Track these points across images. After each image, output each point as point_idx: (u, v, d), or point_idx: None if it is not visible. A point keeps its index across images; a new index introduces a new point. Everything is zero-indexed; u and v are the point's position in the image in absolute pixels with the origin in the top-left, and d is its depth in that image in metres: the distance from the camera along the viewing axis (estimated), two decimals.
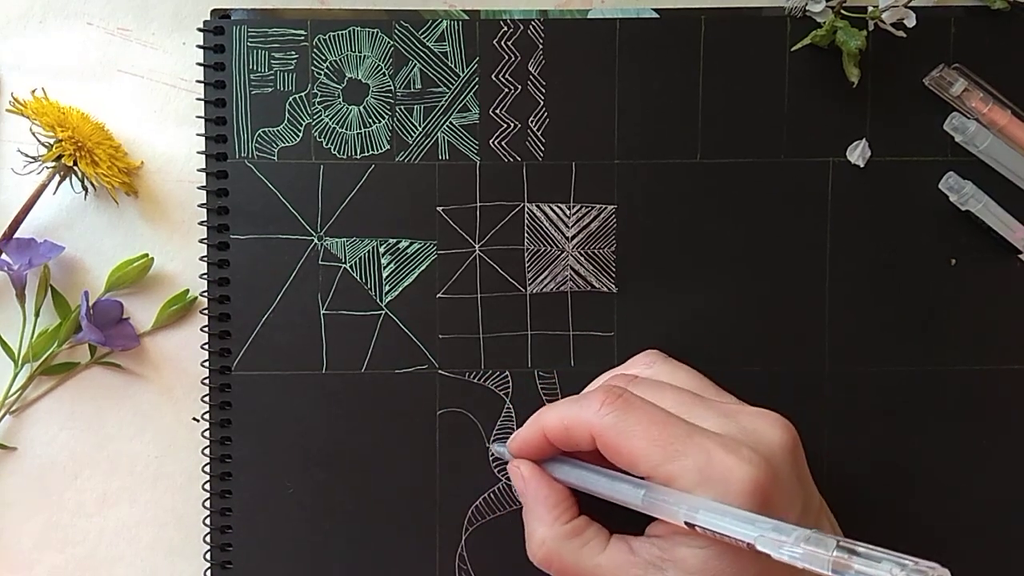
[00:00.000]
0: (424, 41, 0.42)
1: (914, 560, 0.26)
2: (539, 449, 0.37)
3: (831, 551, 0.28)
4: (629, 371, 0.39)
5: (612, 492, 0.35)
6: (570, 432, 0.35)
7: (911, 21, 0.40)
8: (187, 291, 0.43)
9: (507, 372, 0.42)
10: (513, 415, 0.42)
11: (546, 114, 0.42)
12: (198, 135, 0.42)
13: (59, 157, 0.40)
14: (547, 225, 0.42)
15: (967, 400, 0.42)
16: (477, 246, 0.42)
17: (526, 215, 0.42)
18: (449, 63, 0.42)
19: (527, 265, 0.42)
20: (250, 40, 0.41)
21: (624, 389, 0.35)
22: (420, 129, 0.42)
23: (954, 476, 0.42)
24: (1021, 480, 0.42)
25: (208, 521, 0.42)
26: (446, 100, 0.42)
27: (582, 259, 0.42)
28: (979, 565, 0.42)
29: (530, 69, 0.42)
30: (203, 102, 0.42)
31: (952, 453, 0.42)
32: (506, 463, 0.39)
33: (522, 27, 0.42)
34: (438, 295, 0.42)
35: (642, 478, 0.34)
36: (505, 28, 0.42)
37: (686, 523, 0.31)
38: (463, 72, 0.42)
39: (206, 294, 0.42)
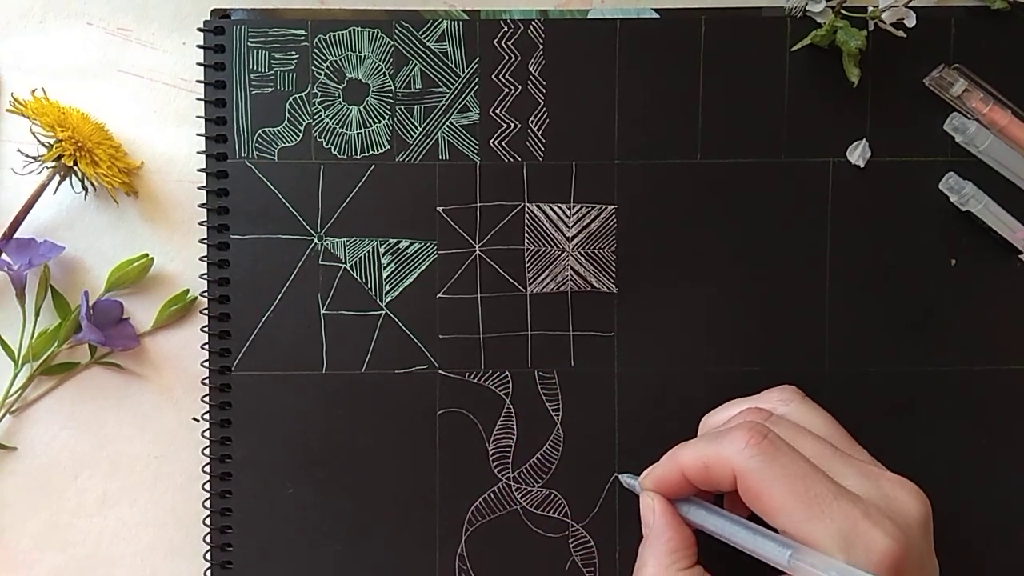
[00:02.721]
0: (424, 41, 0.42)
1: None
2: (674, 487, 0.37)
3: None
4: (761, 404, 0.38)
5: (754, 547, 0.34)
6: (710, 471, 0.34)
7: (911, 21, 0.40)
8: (187, 291, 0.43)
9: (507, 372, 0.42)
10: (513, 415, 0.42)
11: (546, 114, 0.42)
12: (198, 135, 0.42)
13: (59, 157, 0.40)
14: (547, 225, 0.42)
15: (967, 400, 0.42)
16: (477, 246, 0.42)
17: (526, 215, 0.42)
18: (449, 63, 0.42)
19: (527, 265, 0.42)
20: (250, 40, 0.41)
21: (768, 429, 0.34)
22: (420, 129, 0.42)
23: (954, 476, 0.42)
24: (1021, 480, 0.42)
25: (208, 521, 0.42)
26: (446, 100, 0.42)
27: (582, 259, 0.42)
28: (979, 564, 0.42)
29: (530, 69, 0.42)
30: (203, 102, 0.42)
31: (952, 453, 0.42)
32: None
33: (522, 27, 0.42)
34: (438, 295, 0.42)
35: (773, 529, 0.33)
36: (505, 28, 0.42)
37: None
38: (463, 72, 0.42)
39: (206, 294, 0.42)
